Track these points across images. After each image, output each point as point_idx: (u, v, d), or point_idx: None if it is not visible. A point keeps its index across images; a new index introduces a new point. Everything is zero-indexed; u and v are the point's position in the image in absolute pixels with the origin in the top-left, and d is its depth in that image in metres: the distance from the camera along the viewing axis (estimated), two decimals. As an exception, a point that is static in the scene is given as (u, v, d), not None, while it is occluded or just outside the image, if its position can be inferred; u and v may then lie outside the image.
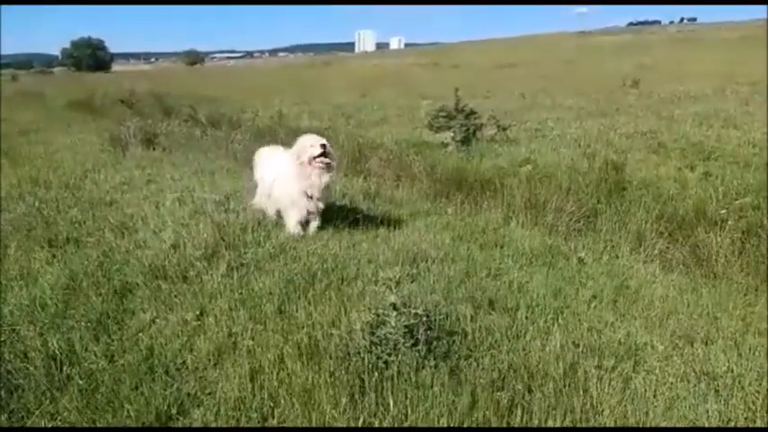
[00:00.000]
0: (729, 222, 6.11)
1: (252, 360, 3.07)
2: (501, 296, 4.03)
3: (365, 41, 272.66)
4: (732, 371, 3.20)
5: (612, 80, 24.47)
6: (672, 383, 3.05)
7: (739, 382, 3.09)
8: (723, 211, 6.59)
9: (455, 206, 7.18)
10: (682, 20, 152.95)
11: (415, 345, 3.06)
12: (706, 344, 3.46)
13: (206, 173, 8.07)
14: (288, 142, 6.35)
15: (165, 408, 2.76)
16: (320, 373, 2.89)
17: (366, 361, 3.00)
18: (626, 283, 4.56)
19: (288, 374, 2.92)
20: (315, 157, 5.15)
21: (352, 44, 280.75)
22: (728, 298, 4.28)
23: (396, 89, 28.34)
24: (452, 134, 11.69)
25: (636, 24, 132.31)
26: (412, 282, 4.12)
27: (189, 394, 2.86)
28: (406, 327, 3.07)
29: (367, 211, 6.32)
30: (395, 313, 3.08)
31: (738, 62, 33.04)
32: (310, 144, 5.22)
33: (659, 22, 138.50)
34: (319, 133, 5.86)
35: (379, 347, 3.05)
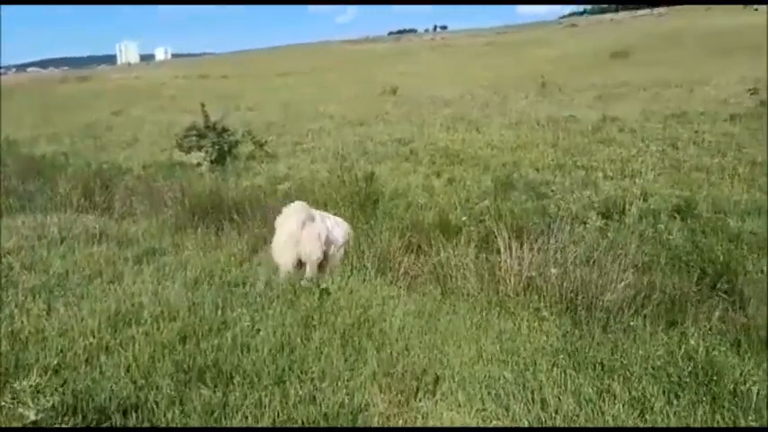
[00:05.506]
0: (471, 228, 6.22)
1: None
2: (220, 358, 3.41)
3: (128, 53, 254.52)
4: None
5: (374, 87, 25.31)
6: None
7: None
8: (464, 218, 6.72)
9: (196, 239, 6.43)
10: (435, 28, 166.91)
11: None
12: (433, 393, 3.15)
13: None
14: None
15: None
16: None
17: None
18: (367, 313, 4.21)
19: None
20: None
21: (114, 57, 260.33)
22: (464, 319, 4.14)
23: (155, 103, 26.42)
24: (204, 154, 10.89)
25: (395, 33, 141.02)
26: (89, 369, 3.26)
27: None
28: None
29: (78, 261, 5.29)
30: None
31: (483, 67, 36.53)
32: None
33: (415, 31, 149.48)
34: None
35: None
